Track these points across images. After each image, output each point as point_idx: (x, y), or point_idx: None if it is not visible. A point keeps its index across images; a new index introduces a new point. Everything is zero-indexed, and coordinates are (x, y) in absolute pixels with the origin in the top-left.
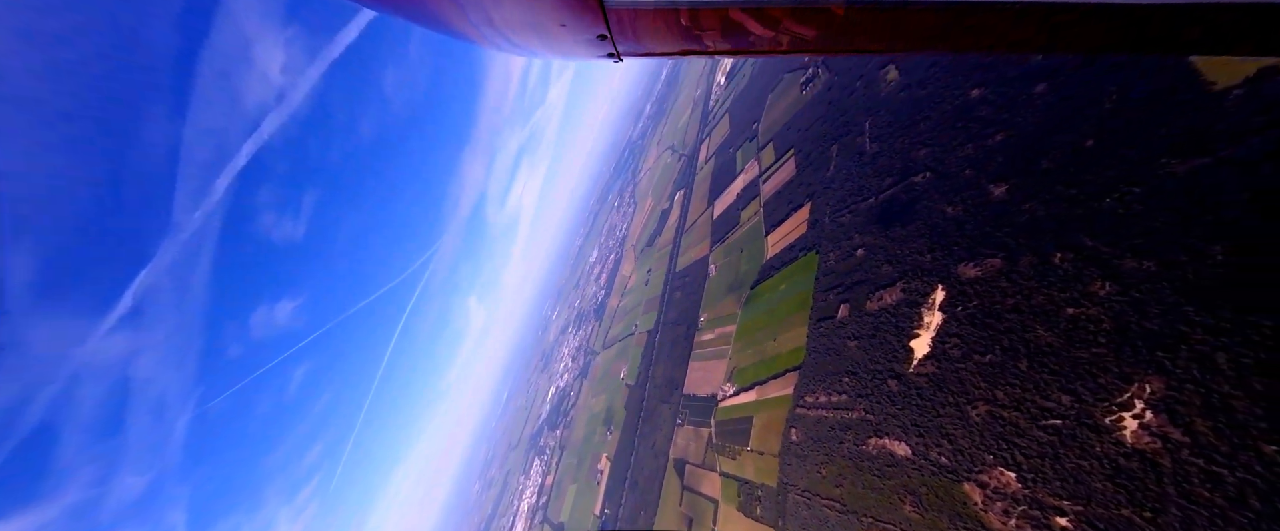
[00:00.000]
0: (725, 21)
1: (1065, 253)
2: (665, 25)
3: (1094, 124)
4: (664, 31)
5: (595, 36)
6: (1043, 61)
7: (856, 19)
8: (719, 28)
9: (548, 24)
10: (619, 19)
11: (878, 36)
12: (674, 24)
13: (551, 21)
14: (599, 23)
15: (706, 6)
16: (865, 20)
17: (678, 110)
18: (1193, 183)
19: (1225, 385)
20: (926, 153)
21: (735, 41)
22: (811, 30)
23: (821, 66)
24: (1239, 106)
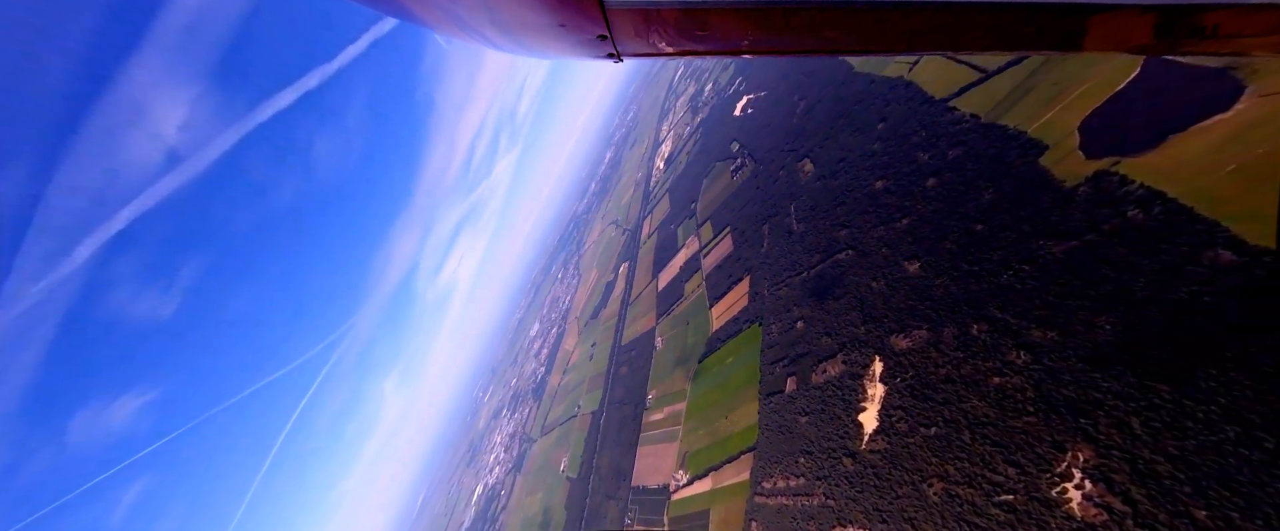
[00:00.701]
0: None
1: (980, 324)
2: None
3: (979, 211)
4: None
5: (595, 36)
6: (931, 159)
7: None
8: (718, 28)
9: (548, 24)
10: (619, 19)
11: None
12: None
13: (552, 22)
14: (599, 23)
15: (706, 7)
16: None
17: (621, 188)
18: (1070, 261)
19: (1145, 450)
20: (846, 233)
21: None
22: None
23: (748, 156)
24: (1088, 200)
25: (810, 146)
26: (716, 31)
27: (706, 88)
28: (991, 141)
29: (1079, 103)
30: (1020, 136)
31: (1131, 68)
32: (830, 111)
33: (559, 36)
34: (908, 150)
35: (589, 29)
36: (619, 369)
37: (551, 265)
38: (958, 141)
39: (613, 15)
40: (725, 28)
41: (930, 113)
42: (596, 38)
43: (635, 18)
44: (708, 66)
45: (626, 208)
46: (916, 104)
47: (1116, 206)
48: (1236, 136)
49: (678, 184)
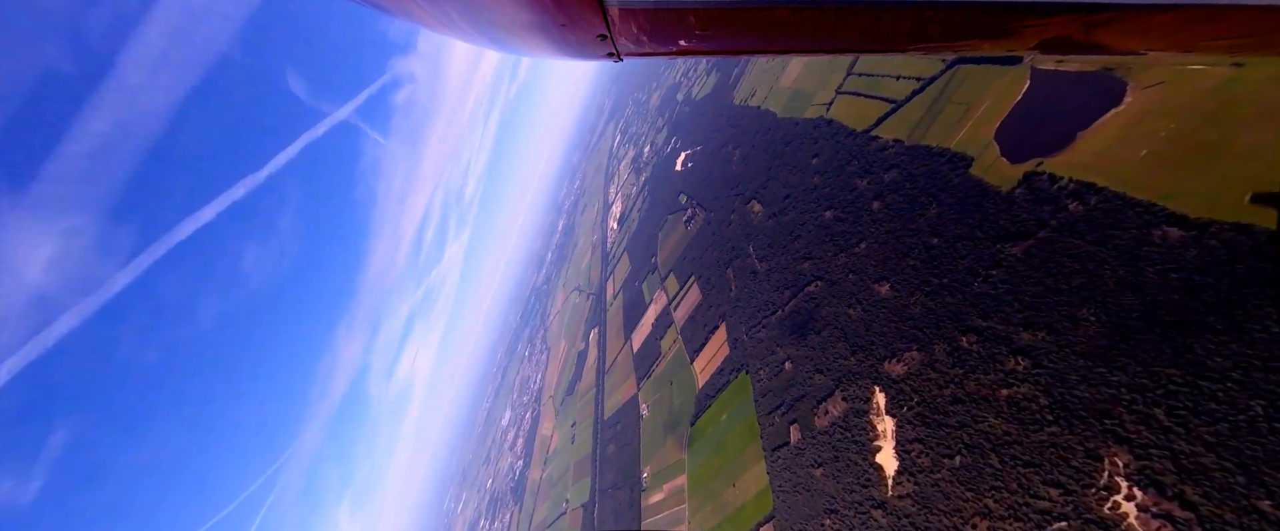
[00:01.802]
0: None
1: (968, 335)
2: (665, 25)
3: (930, 226)
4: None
5: (595, 36)
6: (870, 184)
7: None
8: (718, 28)
9: (548, 24)
10: (619, 19)
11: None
12: (674, 24)
13: (551, 22)
14: (599, 23)
15: (706, 7)
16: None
17: (579, 254)
18: (1032, 260)
19: (1181, 443)
20: (810, 265)
21: (734, 42)
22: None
23: (697, 206)
24: (1027, 200)
25: (754, 189)
26: (717, 31)
27: (645, 149)
28: (921, 161)
29: (987, 116)
30: (945, 152)
31: (1023, 79)
32: (765, 156)
33: (559, 36)
34: (846, 179)
35: (589, 29)
36: (606, 448)
37: (516, 344)
38: (890, 165)
39: (613, 15)
40: (726, 27)
41: (856, 144)
42: (596, 38)
43: (635, 18)
44: (641, 130)
45: (587, 272)
46: (842, 138)
47: (1056, 202)
48: (1136, 126)
49: (634, 241)
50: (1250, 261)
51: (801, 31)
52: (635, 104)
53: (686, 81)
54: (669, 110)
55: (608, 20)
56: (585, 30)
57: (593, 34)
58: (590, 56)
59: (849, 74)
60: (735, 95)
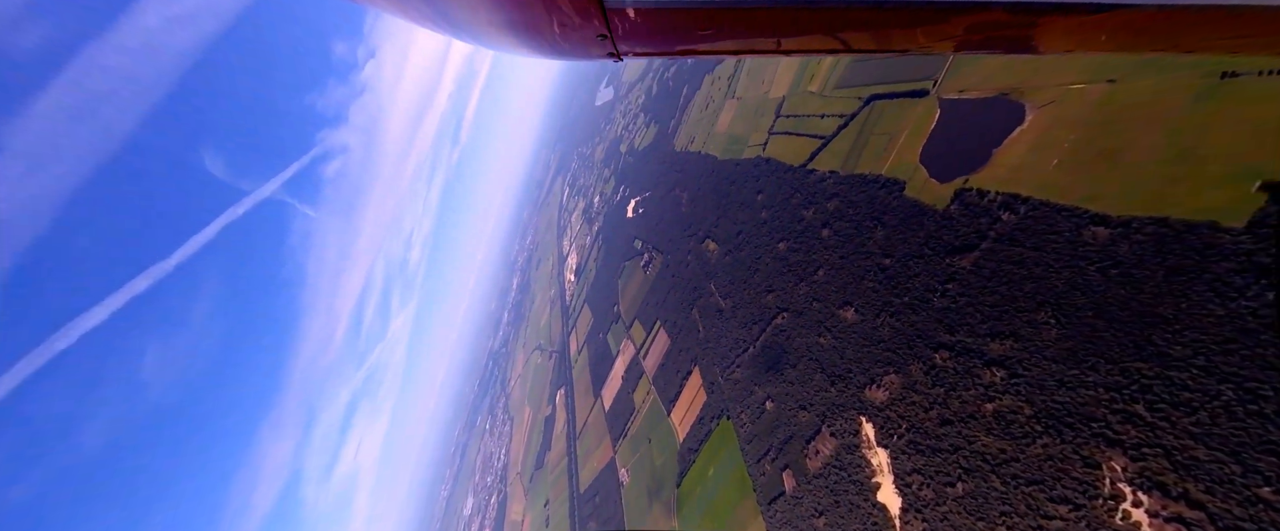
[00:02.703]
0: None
1: (940, 352)
2: (665, 25)
3: (880, 247)
4: (664, 31)
5: (595, 36)
6: (816, 214)
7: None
8: (719, 28)
9: (547, 24)
10: (619, 19)
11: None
12: (674, 24)
13: (551, 22)
14: (599, 23)
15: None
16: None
17: (537, 311)
18: (982, 270)
19: (1170, 438)
20: (773, 297)
21: (734, 42)
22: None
23: (653, 250)
24: (963, 215)
25: (707, 228)
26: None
27: (595, 200)
28: (858, 188)
29: (909, 143)
30: (878, 178)
31: (934, 109)
32: (712, 197)
33: (558, 36)
34: (793, 211)
35: (589, 29)
36: (585, 526)
37: (475, 417)
38: (831, 194)
39: (613, 15)
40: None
41: (795, 178)
42: (596, 37)
43: (636, 17)
44: (589, 182)
45: (547, 329)
46: (782, 173)
47: (989, 214)
48: (1042, 140)
49: (594, 292)
50: (1177, 250)
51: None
52: (581, 158)
53: (628, 133)
54: (614, 161)
55: (608, 20)
56: (585, 30)
57: (593, 34)
58: (590, 56)
59: (778, 116)
60: (676, 143)
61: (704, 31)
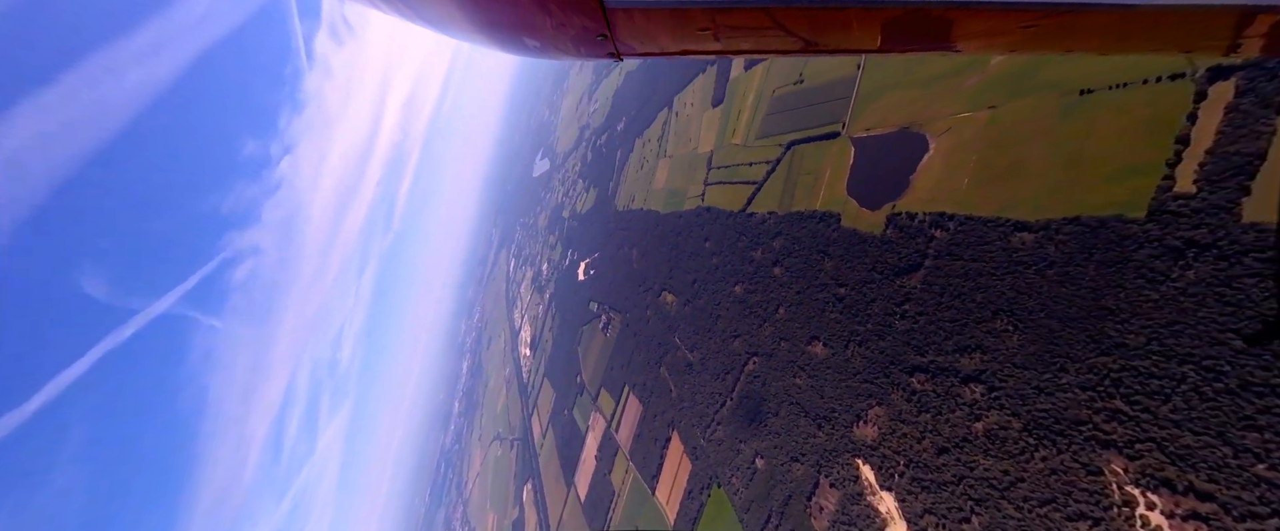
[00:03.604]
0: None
1: (916, 375)
2: (665, 25)
3: (832, 278)
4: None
5: (595, 36)
6: (765, 254)
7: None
8: (718, 28)
9: (548, 24)
10: (619, 19)
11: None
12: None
13: (552, 22)
14: (599, 23)
15: (706, 7)
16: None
17: (491, 395)
18: (931, 287)
19: (1156, 429)
20: (740, 342)
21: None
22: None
23: (610, 310)
24: (900, 238)
25: (662, 280)
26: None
27: (543, 267)
28: (798, 225)
29: (834, 179)
30: (814, 214)
31: (848, 147)
32: (661, 249)
33: (559, 36)
34: (742, 253)
35: (589, 29)
36: None
37: None
38: (774, 233)
39: (613, 15)
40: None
41: (738, 223)
42: (597, 37)
43: (636, 18)
44: (534, 250)
45: (505, 414)
46: (724, 220)
47: (924, 234)
48: (949, 163)
49: (553, 364)
50: (1097, 244)
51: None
52: (524, 228)
53: (568, 199)
54: (558, 227)
55: (608, 20)
56: (585, 30)
57: (593, 34)
58: (590, 56)
59: (709, 168)
60: (617, 203)
61: (704, 31)
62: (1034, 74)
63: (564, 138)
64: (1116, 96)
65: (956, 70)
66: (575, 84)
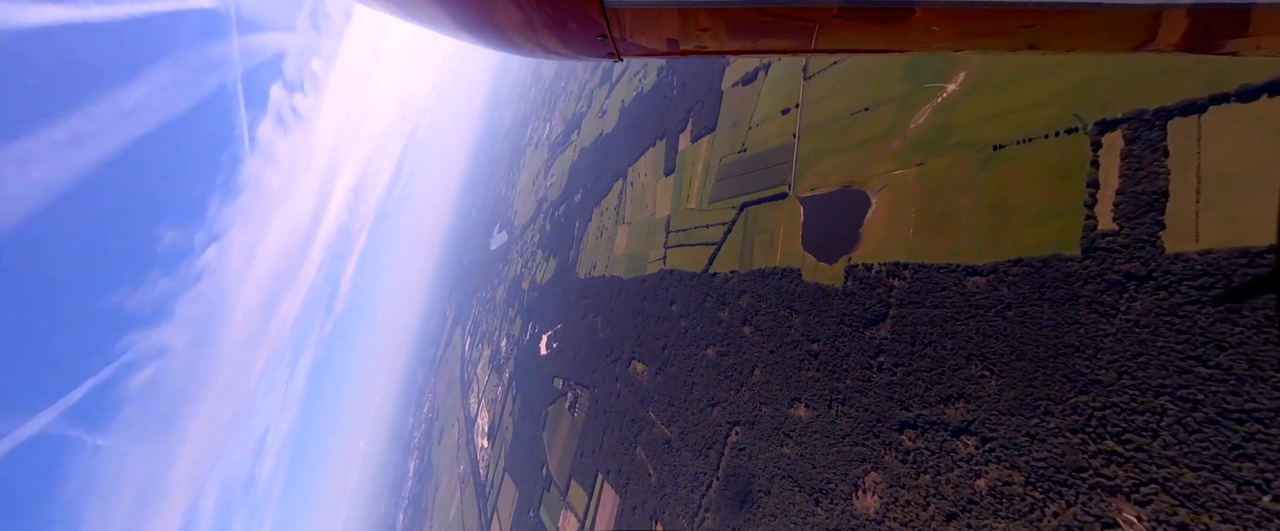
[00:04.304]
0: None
1: (906, 432)
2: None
3: (803, 334)
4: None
5: (595, 36)
6: (732, 314)
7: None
8: (718, 28)
9: (548, 24)
10: (619, 19)
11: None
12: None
13: (552, 22)
14: (599, 23)
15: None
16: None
17: (443, 501)
18: (901, 336)
19: (1154, 469)
20: (719, 411)
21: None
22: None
23: (577, 386)
24: (861, 289)
25: (630, 349)
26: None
27: (502, 344)
28: (761, 282)
29: (789, 236)
30: (775, 270)
31: (797, 205)
32: (627, 316)
33: (559, 36)
34: (709, 314)
35: (589, 29)
36: None
37: None
38: (740, 292)
39: (613, 15)
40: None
41: (702, 283)
42: (597, 37)
43: (636, 18)
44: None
45: (459, 522)
46: (688, 281)
47: (882, 284)
48: (893, 216)
49: (515, 455)
50: (1046, 283)
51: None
52: (481, 302)
53: (528, 270)
54: (517, 300)
55: (608, 20)
56: (586, 30)
57: (593, 34)
58: (591, 56)
59: (668, 232)
60: (578, 271)
61: (704, 31)
62: (949, 135)
63: (522, 211)
64: (1024, 150)
65: (882, 134)
66: (532, 159)
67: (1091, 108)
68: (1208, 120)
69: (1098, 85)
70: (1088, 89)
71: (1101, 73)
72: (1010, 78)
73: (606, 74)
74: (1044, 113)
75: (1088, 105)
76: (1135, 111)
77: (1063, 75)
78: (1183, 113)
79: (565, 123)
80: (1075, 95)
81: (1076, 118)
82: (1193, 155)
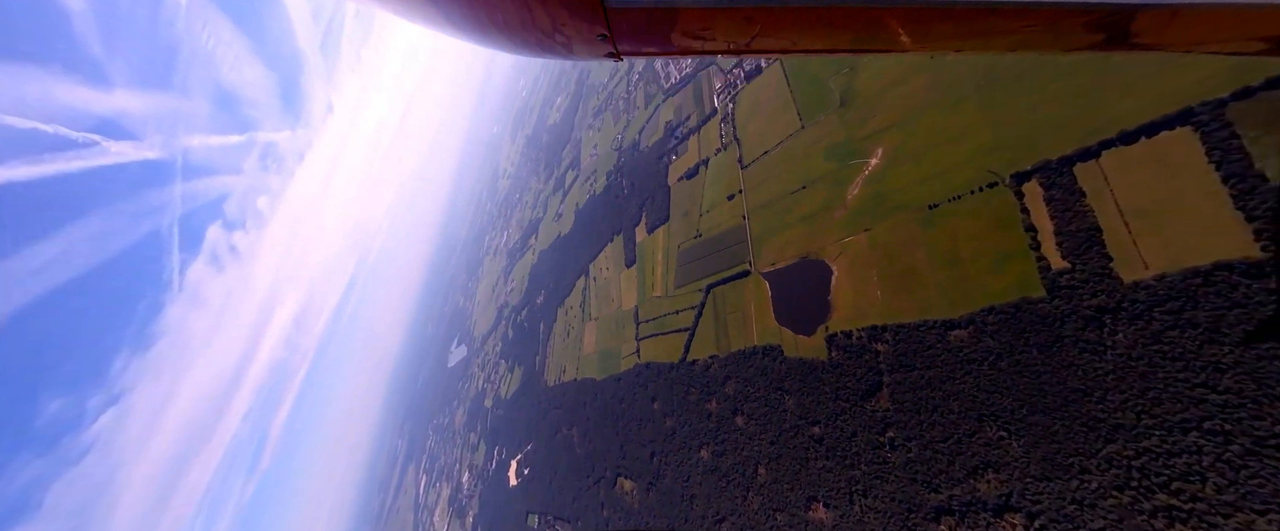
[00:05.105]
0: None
1: (944, 519)
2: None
3: (800, 417)
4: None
5: (595, 36)
6: (721, 405)
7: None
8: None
9: (548, 24)
10: (619, 19)
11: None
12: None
13: (552, 21)
14: (599, 23)
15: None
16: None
17: None
18: (903, 406)
19: (1221, 519)
20: (727, 526)
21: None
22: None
23: (555, 520)
24: (847, 359)
25: (614, 464)
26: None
27: (463, 479)
28: (743, 364)
29: (760, 313)
30: (755, 350)
31: (762, 280)
32: (607, 423)
33: (559, 36)
34: (696, 407)
35: (589, 29)
36: None
37: None
38: (724, 378)
39: (613, 15)
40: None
41: (682, 374)
42: (597, 37)
43: (636, 17)
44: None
45: None
46: (667, 374)
47: (867, 350)
48: (857, 280)
49: None
50: (1026, 328)
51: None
52: (438, 431)
53: (491, 385)
54: (479, 421)
55: (608, 20)
56: (586, 30)
57: (593, 34)
58: (590, 56)
59: (638, 323)
60: (546, 379)
61: (705, 31)
62: (885, 200)
63: (481, 321)
64: (957, 206)
65: (824, 207)
66: (490, 268)
67: (1002, 164)
68: (1105, 163)
69: (1000, 147)
70: (992, 150)
71: (1000, 136)
72: (922, 148)
73: (559, 182)
74: (962, 173)
75: (997, 163)
76: (1041, 162)
77: (968, 141)
78: (1081, 158)
79: (522, 229)
80: (983, 156)
81: (993, 174)
82: (1106, 192)
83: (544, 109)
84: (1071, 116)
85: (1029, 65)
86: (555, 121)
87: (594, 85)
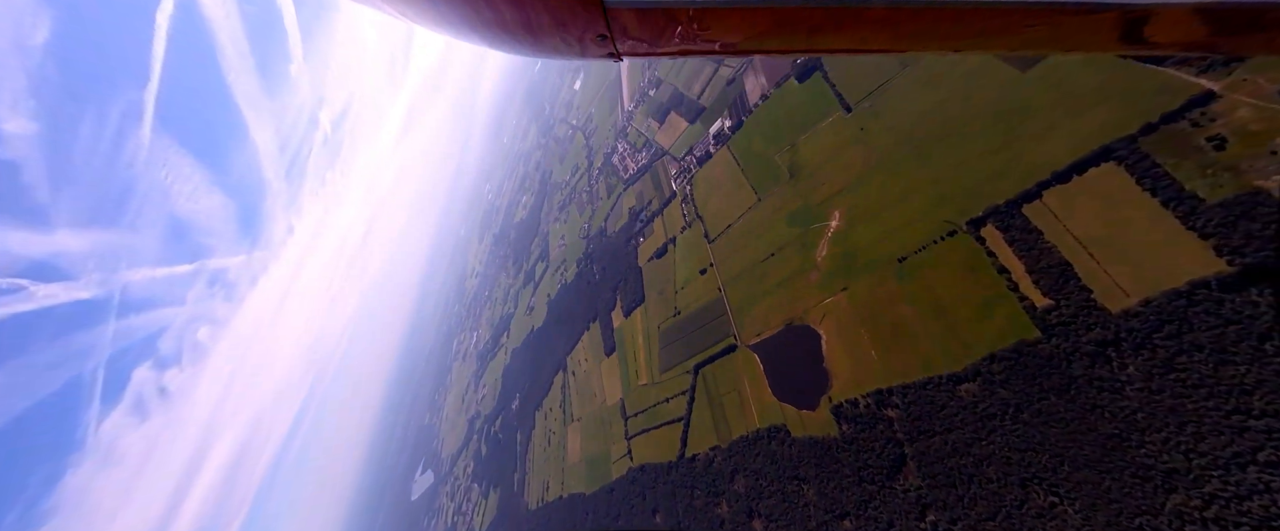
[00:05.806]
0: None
1: None
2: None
3: (823, 508)
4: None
5: (595, 36)
6: (733, 508)
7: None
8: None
9: (547, 24)
10: (619, 19)
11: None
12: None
13: (551, 21)
14: (599, 23)
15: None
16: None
17: None
18: (928, 475)
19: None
20: None
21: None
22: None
23: None
24: (859, 431)
25: None
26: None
27: None
28: (750, 453)
29: (757, 391)
30: (759, 433)
31: (752, 355)
32: None
33: (559, 36)
34: (704, 512)
35: (589, 29)
36: None
37: None
38: (732, 473)
39: (613, 15)
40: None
41: (683, 474)
42: (597, 37)
43: (637, 17)
44: None
45: None
46: (666, 476)
47: (879, 418)
48: (848, 343)
49: None
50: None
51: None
52: None
53: (462, 519)
54: None
55: (608, 20)
56: (585, 30)
57: (593, 34)
58: (590, 56)
59: (626, 419)
60: (527, 500)
61: (706, 31)
62: (855, 259)
63: (450, 439)
64: (925, 256)
65: (796, 271)
66: (459, 374)
67: (954, 213)
68: (1049, 201)
69: (947, 198)
70: (942, 202)
71: (943, 190)
72: (877, 207)
73: (529, 275)
74: (921, 226)
75: (950, 213)
76: (990, 208)
77: (917, 197)
78: (1026, 200)
79: (493, 328)
80: (935, 208)
81: (950, 223)
82: (1060, 228)
83: (510, 208)
84: (1002, 165)
85: (949, 125)
86: (521, 218)
87: (557, 183)
